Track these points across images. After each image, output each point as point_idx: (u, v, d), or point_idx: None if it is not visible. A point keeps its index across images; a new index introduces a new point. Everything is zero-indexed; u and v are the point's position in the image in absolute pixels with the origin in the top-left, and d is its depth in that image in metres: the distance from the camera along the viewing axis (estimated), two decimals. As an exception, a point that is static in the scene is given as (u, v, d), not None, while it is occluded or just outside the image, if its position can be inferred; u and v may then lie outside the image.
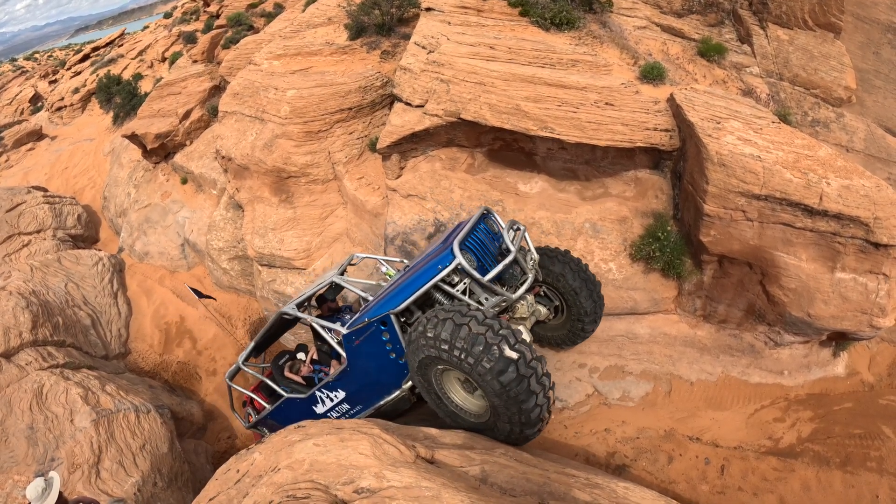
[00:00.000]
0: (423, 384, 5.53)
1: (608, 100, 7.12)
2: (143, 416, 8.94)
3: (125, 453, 8.27)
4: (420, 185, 7.99)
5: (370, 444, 4.20)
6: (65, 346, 11.11)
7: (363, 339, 5.91)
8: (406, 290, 5.78)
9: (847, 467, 6.84)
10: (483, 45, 8.07)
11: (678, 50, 9.28)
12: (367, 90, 9.75)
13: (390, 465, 3.91)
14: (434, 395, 5.57)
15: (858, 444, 7.12)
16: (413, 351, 5.26)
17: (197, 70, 16.61)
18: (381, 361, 5.96)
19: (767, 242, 6.67)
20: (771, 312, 7.19)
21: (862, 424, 7.32)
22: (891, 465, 6.79)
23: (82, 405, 8.49)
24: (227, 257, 11.47)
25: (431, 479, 3.69)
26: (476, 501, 3.47)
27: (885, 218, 6.15)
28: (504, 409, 4.91)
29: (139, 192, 16.03)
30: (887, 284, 6.53)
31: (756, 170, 6.35)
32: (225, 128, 11.16)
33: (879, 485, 6.61)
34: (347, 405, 6.59)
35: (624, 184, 7.69)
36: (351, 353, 6.08)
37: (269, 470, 4.09)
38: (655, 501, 4.58)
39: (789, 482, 6.83)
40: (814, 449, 7.14)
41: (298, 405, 7.00)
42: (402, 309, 5.68)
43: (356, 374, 6.23)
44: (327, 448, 4.16)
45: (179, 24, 25.15)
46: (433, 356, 5.07)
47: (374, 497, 3.51)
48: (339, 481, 3.74)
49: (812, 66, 10.28)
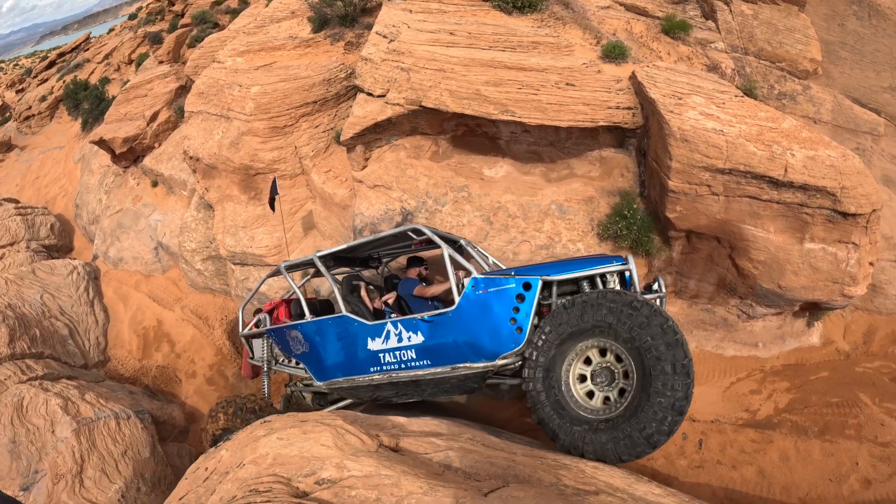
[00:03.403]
0: (545, 366, 5.12)
1: (569, 80, 7.09)
2: (124, 422, 8.90)
3: (107, 461, 8.23)
4: (386, 175, 7.94)
5: (332, 436, 4.20)
6: (43, 358, 11.01)
7: (493, 291, 5.41)
8: (568, 266, 5.60)
9: (825, 436, 6.89)
10: (443, 32, 8.01)
11: (642, 28, 9.27)
12: (331, 82, 9.66)
13: (352, 455, 3.92)
14: (548, 382, 5.13)
15: (836, 412, 7.17)
16: (565, 321, 5.03)
17: (163, 71, 16.38)
18: (496, 323, 5.39)
19: (734, 216, 6.69)
20: (742, 285, 7.23)
21: (839, 393, 7.37)
22: (869, 432, 6.84)
23: (62, 415, 8.43)
24: (201, 258, 11.36)
25: (392, 467, 3.70)
26: (435, 486, 3.46)
27: (852, 187, 6.19)
28: (658, 395, 4.60)
29: (110, 197, 15.81)
30: (857, 253, 6.58)
31: (719, 144, 6.36)
32: (192, 128, 11.03)
33: (859, 452, 6.66)
34: (415, 353, 5.81)
35: (589, 164, 7.68)
36: (467, 299, 5.48)
37: (235, 466, 4.09)
38: (625, 479, 4.60)
39: (768, 453, 6.88)
40: (791, 419, 7.18)
41: (350, 330, 6.20)
42: (557, 280, 5.44)
43: (456, 322, 5.55)
44: (290, 441, 4.17)
45: (145, 24, 24.73)
46: (599, 324, 4.89)
47: (334, 487, 3.52)
48: (300, 473, 3.75)
49: (777, 39, 10.32)
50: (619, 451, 4.71)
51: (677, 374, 4.59)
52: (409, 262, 7.11)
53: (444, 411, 7.25)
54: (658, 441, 4.61)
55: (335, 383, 6.43)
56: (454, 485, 3.58)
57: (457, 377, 5.64)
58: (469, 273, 5.58)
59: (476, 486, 3.70)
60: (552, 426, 5.08)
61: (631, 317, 4.78)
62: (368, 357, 6.07)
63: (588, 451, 4.85)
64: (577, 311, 5.03)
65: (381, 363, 6.00)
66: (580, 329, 5.02)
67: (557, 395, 5.12)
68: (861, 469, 6.52)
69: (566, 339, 5.09)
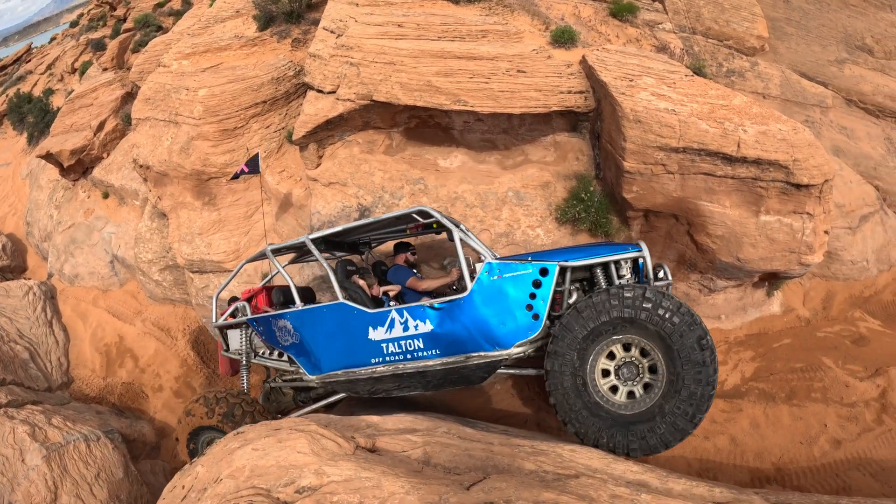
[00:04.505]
0: (569, 361, 5.10)
1: (520, 67, 7.08)
2: (94, 444, 8.73)
3: (81, 485, 8.06)
4: (340, 172, 7.83)
5: (308, 442, 4.14)
6: (5, 385, 10.69)
7: (509, 277, 5.27)
8: (584, 252, 5.52)
9: (793, 401, 7.06)
10: (391, 24, 7.92)
11: (590, 12, 9.30)
12: (280, 81, 9.49)
13: (329, 460, 3.86)
14: (573, 375, 5.12)
15: (801, 377, 7.35)
16: (591, 315, 5.00)
17: (107, 78, 15.89)
18: (511, 310, 5.25)
19: (690, 193, 6.77)
20: (701, 260, 7.34)
21: (803, 358, 7.57)
22: (835, 393, 7.04)
23: (31, 443, 8.18)
24: (158, 269, 11.09)
25: (371, 469, 3.67)
26: (417, 485, 3.45)
27: (804, 159, 6.31)
28: (687, 387, 4.81)
29: (61, 212, 15.33)
30: (812, 223, 6.72)
31: (672, 123, 6.42)
32: (140, 135, 10.74)
33: (826, 414, 6.84)
34: (423, 342, 5.55)
35: (544, 149, 7.69)
36: (481, 285, 5.30)
37: (213, 481, 4.00)
38: (603, 459, 4.67)
39: (738, 421, 7.02)
40: (758, 387, 7.35)
41: (348, 318, 5.87)
42: (573, 265, 5.34)
43: (469, 309, 5.35)
44: (266, 451, 4.08)
45: (87, 31, 23.93)
46: (626, 318, 4.91)
47: (315, 494, 3.48)
48: (279, 483, 3.70)
49: (724, 18, 10.50)
50: (665, 439, 4.93)
51: (708, 364, 4.84)
52: (396, 248, 6.89)
53: (415, 405, 7.21)
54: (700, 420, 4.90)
55: (331, 377, 6.04)
56: (435, 481, 3.58)
57: (468, 367, 5.43)
58: (481, 258, 5.42)
59: (457, 481, 3.70)
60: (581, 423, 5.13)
61: (666, 312, 4.87)
62: (370, 348, 5.76)
63: (631, 447, 5.00)
64: (605, 304, 5.03)
65: (383, 354, 5.71)
66: (608, 323, 5.03)
67: (585, 391, 5.13)
68: (830, 430, 6.70)
69: (594, 334, 5.07)
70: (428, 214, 5.68)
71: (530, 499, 3.36)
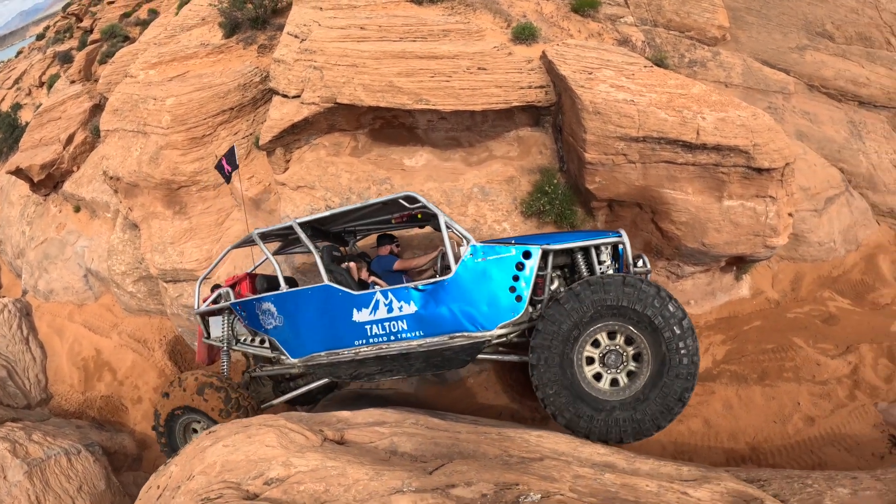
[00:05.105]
0: (558, 347, 5.15)
1: (480, 64, 7.17)
2: (75, 457, 8.74)
3: (63, 499, 8.11)
4: (308, 176, 7.86)
5: (276, 436, 4.23)
6: (-16, 405, 10.66)
7: (492, 259, 5.37)
8: (565, 237, 5.68)
9: (765, 381, 7.18)
10: (354, 27, 7.98)
11: (552, 8, 9.41)
12: (246, 87, 9.50)
13: (297, 452, 3.96)
14: (560, 363, 5.16)
15: (772, 357, 7.47)
16: (582, 302, 5.07)
17: (75, 91, 15.73)
18: (495, 292, 5.33)
19: (653, 181, 6.89)
20: (667, 247, 7.46)
21: (773, 339, 7.69)
22: (807, 372, 7.16)
23: (12, 459, 8.18)
24: (132, 280, 11.02)
25: (337, 458, 3.77)
26: (380, 471, 3.54)
27: (764, 143, 6.46)
28: (675, 370, 4.96)
29: (33, 228, 15.17)
30: (775, 206, 6.87)
31: (631, 113, 6.54)
32: (109, 147, 10.68)
33: (799, 392, 6.96)
34: (407, 323, 5.58)
35: (507, 144, 7.78)
36: (465, 267, 5.39)
37: (186, 479, 4.09)
38: (570, 443, 4.78)
39: (711, 404, 7.12)
40: (730, 369, 7.47)
41: (333, 300, 5.88)
42: (556, 249, 5.47)
43: (453, 291, 5.42)
44: (236, 447, 4.18)
45: (54, 44, 23.62)
46: (616, 305, 5.00)
47: (283, 485, 3.58)
48: (249, 476, 3.79)
49: (684, 9, 10.66)
50: (657, 420, 5.07)
51: (690, 352, 5.01)
52: (379, 240, 6.94)
53: (390, 402, 7.26)
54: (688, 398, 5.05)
55: (313, 359, 6.03)
56: (400, 468, 3.66)
57: (452, 349, 5.48)
58: (465, 241, 5.49)
59: (421, 467, 3.78)
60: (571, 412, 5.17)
61: (655, 301, 5.00)
62: (354, 329, 5.77)
63: (623, 432, 5.10)
64: (593, 293, 5.12)
65: (367, 335, 5.72)
66: (597, 312, 5.11)
67: (572, 378, 5.19)
68: (803, 408, 6.81)
69: (583, 321, 5.15)
70: (415, 199, 5.71)
71: (491, 480, 3.45)
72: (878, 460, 6.15)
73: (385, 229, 7.35)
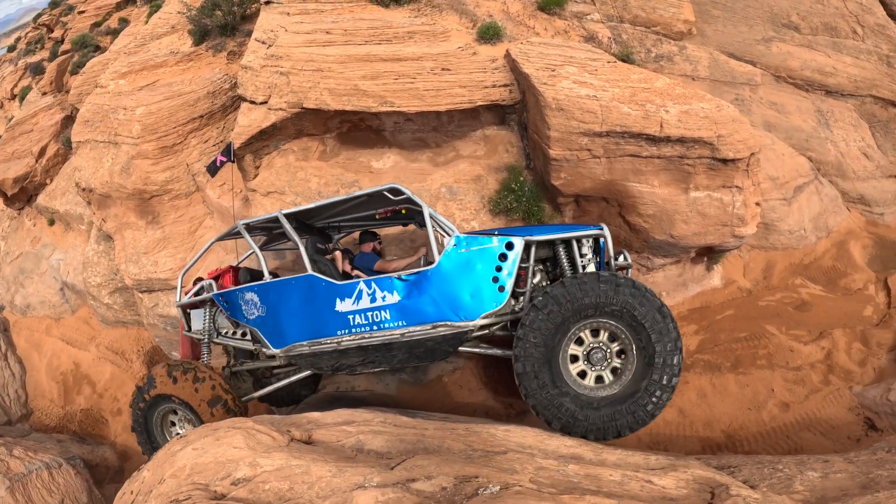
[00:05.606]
0: (543, 340, 5.13)
1: (445, 65, 7.22)
2: (56, 471, 8.70)
3: None
4: (277, 181, 7.87)
5: (243, 437, 4.29)
6: (-36, 422, 10.62)
7: (476, 250, 5.42)
8: (547, 229, 5.76)
9: (739, 369, 7.27)
10: (319, 32, 8.00)
11: (518, 7, 9.47)
12: (216, 95, 9.47)
13: (263, 453, 4.04)
14: (545, 358, 5.14)
15: (745, 345, 7.57)
16: (569, 299, 5.05)
17: (46, 102, 15.59)
18: (478, 282, 5.38)
19: (618, 175, 6.98)
20: (636, 240, 7.54)
21: (746, 328, 7.78)
22: (780, 359, 7.26)
23: (-6, 475, 8.17)
24: (108, 291, 10.94)
25: (302, 457, 3.84)
26: (343, 468, 3.60)
27: (728, 134, 6.56)
28: (661, 364, 4.96)
29: (8, 243, 15.02)
30: (742, 195, 6.98)
31: (593, 109, 6.62)
32: (81, 158, 10.59)
33: (773, 379, 7.07)
34: (390, 313, 5.58)
35: (474, 143, 7.85)
36: (449, 258, 5.43)
37: (157, 483, 4.15)
38: (537, 436, 4.78)
39: (685, 393, 7.20)
40: (703, 359, 7.55)
41: (316, 290, 5.86)
42: (538, 240, 5.53)
43: (437, 281, 5.46)
44: (205, 449, 4.25)
45: (25, 55, 23.29)
46: (602, 301, 4.99)
47: (249, 485, 3.66)
48: (217, 477, 3.86)
49: (650, 5, 10.77)
50: (650, 410, 5.04)
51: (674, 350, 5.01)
52: (362, 237, 6.92)
53: (365, 403, 7.27)
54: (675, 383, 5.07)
55: (295, 349, 5.98)
56: (363, 464, 3.73)
57: (434, 339, 5.51)
58: (450, 232, 5.53)
59: (385, 463, 3.83)
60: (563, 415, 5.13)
61: (641, 299, 5.01)
62: (336, 318, 5.74)
63: (620, 425, 5.07)
64: (578, 289, 5.10)
65: (350, 325, 5.70)
66: (580, 309, 5.09)
67: (557, 377, 5.16)
68: (777, 394, 6.92)
69: (567, 318, 5.13)
70: (399, 192, 5.72)
71: (451, 473, 3.51)
72: (854, 443, 6.26)
73: (369, 226, 7.37)
